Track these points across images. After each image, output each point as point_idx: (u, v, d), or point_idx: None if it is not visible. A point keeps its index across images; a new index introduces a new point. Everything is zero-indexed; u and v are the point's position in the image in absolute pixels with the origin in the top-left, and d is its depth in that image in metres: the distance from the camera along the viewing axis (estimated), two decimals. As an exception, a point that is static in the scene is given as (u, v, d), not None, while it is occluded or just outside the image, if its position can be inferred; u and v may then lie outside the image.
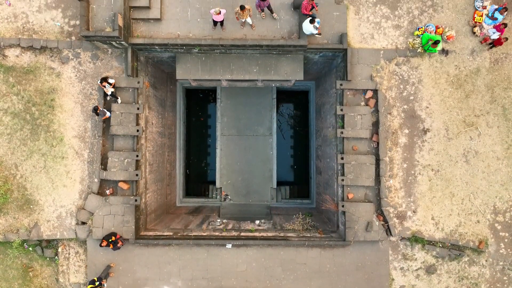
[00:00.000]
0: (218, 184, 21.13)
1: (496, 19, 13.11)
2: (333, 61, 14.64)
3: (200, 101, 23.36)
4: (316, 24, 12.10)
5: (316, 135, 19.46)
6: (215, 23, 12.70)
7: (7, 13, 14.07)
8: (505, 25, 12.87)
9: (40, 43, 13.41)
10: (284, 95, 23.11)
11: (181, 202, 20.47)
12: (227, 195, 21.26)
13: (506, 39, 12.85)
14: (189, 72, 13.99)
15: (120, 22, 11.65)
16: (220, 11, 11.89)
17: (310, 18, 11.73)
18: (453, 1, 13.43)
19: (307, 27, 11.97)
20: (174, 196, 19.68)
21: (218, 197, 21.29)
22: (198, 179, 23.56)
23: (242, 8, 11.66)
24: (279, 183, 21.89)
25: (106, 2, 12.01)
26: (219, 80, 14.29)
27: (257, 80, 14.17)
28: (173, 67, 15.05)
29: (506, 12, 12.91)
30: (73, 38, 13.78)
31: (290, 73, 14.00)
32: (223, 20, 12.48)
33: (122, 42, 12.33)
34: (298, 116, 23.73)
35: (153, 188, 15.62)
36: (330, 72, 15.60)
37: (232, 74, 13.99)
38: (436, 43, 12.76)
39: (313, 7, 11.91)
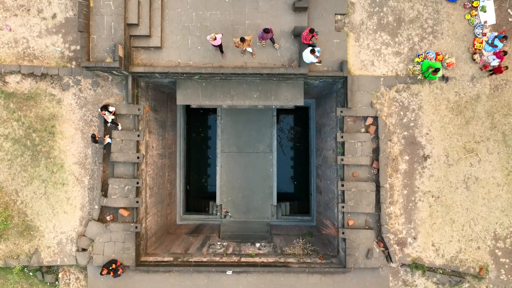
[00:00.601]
0: (218, 201, 21.14)
1: (496, 46, 13.13)
2: (333, 85, 14.66)
3: (200, 117, 23.38)
4: (316, 53, 12.10)
5: (316, 154, 19.47)
6: (221, 49, 12.65)
7: (8, 38, 14.10)
8: (505, 52, 12.88)
9: (40, 70, 13.43)
10: (284, 111, 23.15)
11: (181, 220, 20.48)
12: (227, 212, 21.26)
13: (507, 67, 12.87)
14: (190, 98, 14.00)
15: (120, 52, 11.67)
16: (215, 37, 11.91)
17: (311, 48, 11.74)
18: (453, 28, 13.45)
19: (308, 57, 11.98)
20: (174, 214, 19.68)
21: (218, 214, 21.30)
22: (199, 194, 23.57)
23: (243, 40, 11.68)
24: (280, 196, 21.85)
25: (107, 33, 12.03)
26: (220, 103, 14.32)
27: (257, 104, 14.18)
28: (174, 88, 15.07)
29: (505, 40, 12.92)
30: (74, 63, 13.81)
31: (291, 98, 14.02)
32: (221, 44, 12.48)
33: (122, 71, 12.35)
34: (298, 131, 23.74)
35: (154, 211, 15.63)
36: (330, 94, 15.62)
37: (232, 100, 14.01)
38: (436, 71, 12.78)
39: (313, 36, 11.91)
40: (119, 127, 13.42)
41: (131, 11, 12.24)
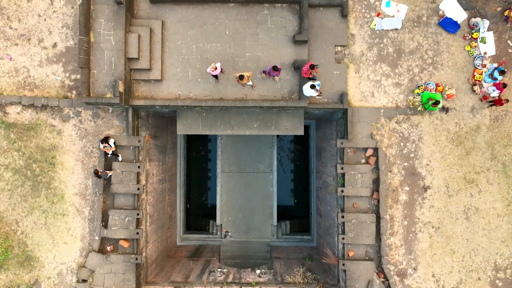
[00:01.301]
0: (218, 221, 21.15)
1: (496, 78, 13.15)
2: (333, 113, 14.67)
3: (201, 136, 23.40)
4: (316, 87, 12.12)
5: (316, 176, 19.48)
6: (216, 77, 12.72)
7: (9, 68, 14.12)
8: (505, 85, 12.90)
9: (41, 102, 13.45)
10: (285, 130, 23.10)
11: (181, 240, 20.48)
12: (227, 232, 21.27)
13: (507, 100, 12.87)
14: (190, 128, 14.02)
15: (121, 88, 11.69)
16: (215, 66, 11.95)
17: (311, 83, 11.76)
18: (453, 59, 13.47)
19: (308, 91, 12.00)
20: (174, 235, 19.68)
21: (218, 233, 21.31)
22: (199, 211, 23.59)
23: (241, 78, 11.71)
24: (280, 212, 21.78)
25: (107, 68, 12.04)
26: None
27: (257, 133, 14.19)
28: (174, 113, 15.09)
29: (504, 74, 12.93)
30: (74, 92, 13.82)
31: (291, 128, 14.03)
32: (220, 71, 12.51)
33: (123, 106, 12.37)
34: (298, 150, 23.75)
35: (154, 238, 15.63)
36: (330, 120, 15.63)
37: (232, 130, 14.03)
38: (436, 103, 12.78)
39: (313, 70, 11.92)
40: (120, 158, 13.43)
41: (132, 45, 12.26)
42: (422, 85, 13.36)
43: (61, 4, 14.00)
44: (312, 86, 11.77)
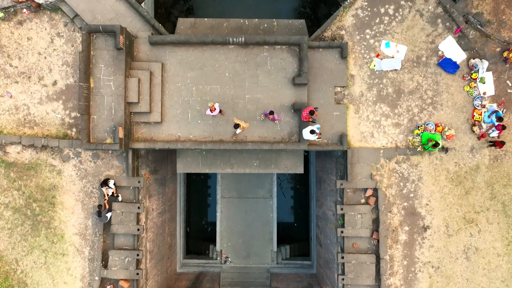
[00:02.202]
0: (218, 247, 21.16)
1: (494, 125, 13.17)
2: (333, 150, 14.66)
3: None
4: (316, 130, 12.14)
5: (316, 204, 19.48)
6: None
7: (9, 105, 14.16)
8: (504, 126, 12.92)
9: (41, 142, 13.47)
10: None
11: (181, 266, 20.48)
12: (227, 257, 21.28)
13: (504, 143, 12.90)
14: (190, 166, 14.04)
15: (121, 134, 11.71)
16: (214, 107, 11.99)
17: (311, 129, 11.78)
18: (452, 99, 13.50)
19: (307, 136, 12.01)
20: (174, 263, 19.67)
21: (218, 258, 21.32)
22: (199, 235, 23.61)
23: (236, 127, 11.77)
24: (280, 231, 21.73)
25: (107, 113, 12.07)
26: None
27: (257, 172, 14.22)
28: (174, 149, 15.09)
29: (502, 121, 12.96)
30: (74, 130, 13.86)
31: (291, 167, 14.05)
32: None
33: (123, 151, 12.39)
34: (298, 174, 23.70)
35: (154, 272, 15.62)
36: (330, 156, 15.63)
37: (232, 168, 14.05)
38: (436, 145, 12.81)
39: (313, 113, 11.94)
40: (119, 198, 13.44)
41: (131, 89, 12.29)
42: (421, 125, 13.38)
43: (61, 43, 14.06)
44: (312, 132, 11.79)
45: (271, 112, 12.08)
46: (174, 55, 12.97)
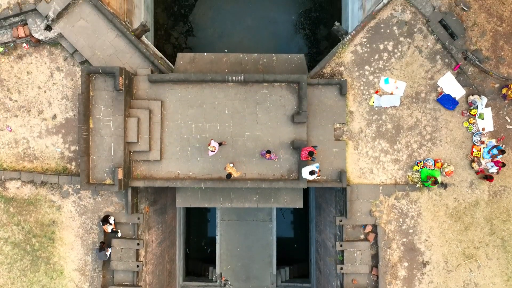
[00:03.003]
0: (218, 270, 21.16)
1: (495, 155, 13.19)
2: (332, 183, 14.71)
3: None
4: (315, 169, 12.16)
5: (316, 228, 19.48)
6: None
7: (8, 139, 14.19)
8: (504, 164, 12.95)
9: (40, 179, 13.48)
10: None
11: (181, 290, 20.48)
12: (227, 280, 21.27)
13: (492, 178, 12.98)
14: (189, 201, 14.06)
15: (120, 176, 11.72)
16: (215, 147, 12.03)
17: (310, 170, 11.81)
18: (452, 135, 13.52)
19: (307, 176, 12.04)
20: (174, 288, 19.67)
21: (218, 281, 21.32)
22: (198, 255, 23.61)
23: (229, 177, 11.81)
24: (279, 251, 21.71)
25: (106, 154, 12.09)
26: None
27: (256, 206, 14.23)
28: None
29: (504, 154, 12.98)
30: (73, 163, 13.89)
31: (290, 201, 14.06)
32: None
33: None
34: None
35: (153, 303, 15.63)
36: (330, 188, 15.62)
37: (232, 203, 14.07)
38: (435, 183, 12.83)
39: (312, 154, 11.96)
40: (119, 234, 13.45)
41: (131, 129, 12.31)
42: (420, 162, 13.39)
43: (61, 77, 14.09)
44: (311, 172, 11.81)
45: (268, 151, 12.10)
46: (173, 92, 12.99)
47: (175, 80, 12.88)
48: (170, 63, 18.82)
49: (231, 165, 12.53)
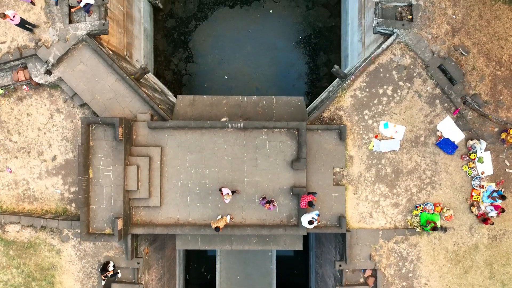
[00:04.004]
0: (218, 299, 21.14)
1: (495, 199, 13.20)
2: (332, 223, 14.71)
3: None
4: (315, 216, 12.18)
5: (316, 260, 19.48)
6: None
7: (8, 180, 14.22)
8: (503, 210, 12.96)
9: (40, 223, 13.48)
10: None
11: (181, 320, 20.46)
12: (227, 308, 21.24)
13: (492, 223, 12.98)
14: (189, 243, 14.04)
15: (120, 226, 11.73)
16: (229, 194, 12.12)
17: (309, 219, 11.83)
18: (451, 179, 13.53)
19: (306, 225, 12.06)
20: (174, 319, 19.65)
21: (218, 309, 21.30)
22: (198, 281, 23.61)
23: (217, 230, 11.82)
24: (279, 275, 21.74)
25: (106, 203, 12.10)
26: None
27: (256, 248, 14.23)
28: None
29: (505, 199, 12.99)
30: (73, 205, 13.94)
31: (289, 243, 14.04)
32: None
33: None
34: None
35: None
36: (329, 224, 15.64)
37: (231, 245, 14.05)
38: (434, 229, 12.83)
39: (312, 203, 11.97)
40: (119, 275, 13.46)
41: (130, 178, 12.33)
42: (420, 206, 13.40)
43: (60, 118, 14.14)
44: (310, 222, 11.83)
45: (268, 202, 12.11)
46: (173, 138, 13.01)
47: (174, 127, 12.89)
48: (170, 94, 18.91)
49: (219, 216, 12.71)
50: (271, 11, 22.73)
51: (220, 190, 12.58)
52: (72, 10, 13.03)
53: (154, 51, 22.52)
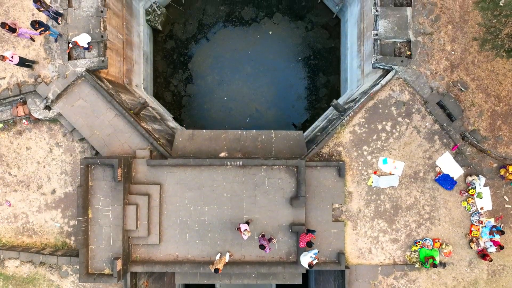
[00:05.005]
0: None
1: (493, 235, 13.21)
2: (331, 256, 14.69)
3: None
4: (313, 256, 12.17)
5: (315, 286, 19.44)
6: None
7: (7, 213, 14.23)
8: (502, 247, 12.97)
9: (39, 259, 13.47)
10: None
11: None
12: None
13: (491, 259, 12.98)
14: (188, 278, 14.03)
15: (119, 267, 11.73)
16: (248, 230, 12.08)
17: (308, 261, 11.83)
18: (450, 215, 13.53)
19: (305, 265, 12.05)
20: None
21: None
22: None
23: (216, 271, 11.73)
24: None
25: (105, 243, 12.10)
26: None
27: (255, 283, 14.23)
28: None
29: (503, 234, 13.01)
30: (72, 238, 13.94)
31: (289, 277, 14.01)
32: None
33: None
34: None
35: None
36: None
37: (230, 279, 14.04)
38: (433, 266, 12.84)
39: (311, 245, 11.97)
40: (119, 306, 13.47)
41: (130, 217, 12.33)
42: (419, 241, 13.40)
43: (60, 152, 14.16)
44: (310, 265, 11.84)
45: (262, 247, 12.04)
46: (172, 175, 13.02)
47: (173, 165, 12.90)
48: (169, 119, 18.89)
49: (218, 255, 12.71)
50: (270, 33, 22.76)
51: (238, 229, 12.50)
52: (67, 50, 13.03)
53: (154, 72, 22.55)
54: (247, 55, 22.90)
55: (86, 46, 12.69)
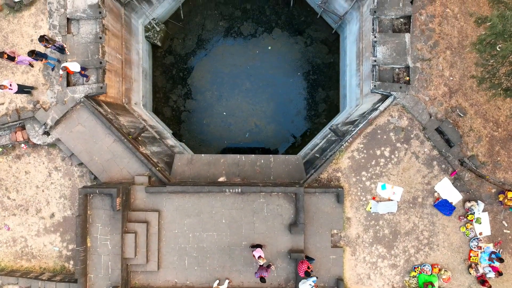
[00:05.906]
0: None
1: (493, 261, 13.20)
2: (330, 279, 14.70)
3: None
4: (312, 283, 12.17)
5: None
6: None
7: (6, 238, 14.25)
8: (500, 273, 12.96)
9: (38, 285, 13.44)
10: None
11: None
12: None
13: (490, 286, 12.98)
14: (187, 302, 14.04)
15: (118, 297, 11.74)
16: (262, 257, 11.96)
17: (307, 288, 11.85)
18: (449, 240, 13.53)
19: (304, 292, 12.07)
20: None
21: None
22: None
23: None
24: None
25: (104, 272, 12.11)
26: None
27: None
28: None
29: (502, 262, 13.00)
30: (71, 262, 13.95)
31: (288, 302, 14.03)
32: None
33: (119, 304, 12.42)
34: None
35: None
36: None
37: (229, 304, 14.04)
38: (432, 293, 12.86)
39: (309, 274, 11.97)
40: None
41: (128, 245, 12.34)
42: (418, 267, 13.40)
43: (58, 176, 14.17)
44: (308, 293, 11.86)
45: (263, 280, 11.96)
46: (171, 202, 13.02)
47: (172, 192, 12.91)
48: (169, 136, 18.88)
49: (216, 281, 12.73)
50: (269, 48, 22.78)
51: (253, 255, 12.42)
52: (60, 79, 13.03)
53: (153, 87, 22.57)
54: (246, 70, 22.91)
55: (78, 70, 12.67)
